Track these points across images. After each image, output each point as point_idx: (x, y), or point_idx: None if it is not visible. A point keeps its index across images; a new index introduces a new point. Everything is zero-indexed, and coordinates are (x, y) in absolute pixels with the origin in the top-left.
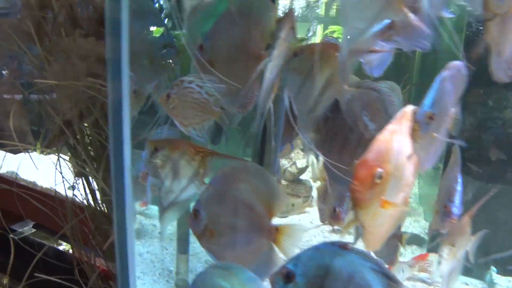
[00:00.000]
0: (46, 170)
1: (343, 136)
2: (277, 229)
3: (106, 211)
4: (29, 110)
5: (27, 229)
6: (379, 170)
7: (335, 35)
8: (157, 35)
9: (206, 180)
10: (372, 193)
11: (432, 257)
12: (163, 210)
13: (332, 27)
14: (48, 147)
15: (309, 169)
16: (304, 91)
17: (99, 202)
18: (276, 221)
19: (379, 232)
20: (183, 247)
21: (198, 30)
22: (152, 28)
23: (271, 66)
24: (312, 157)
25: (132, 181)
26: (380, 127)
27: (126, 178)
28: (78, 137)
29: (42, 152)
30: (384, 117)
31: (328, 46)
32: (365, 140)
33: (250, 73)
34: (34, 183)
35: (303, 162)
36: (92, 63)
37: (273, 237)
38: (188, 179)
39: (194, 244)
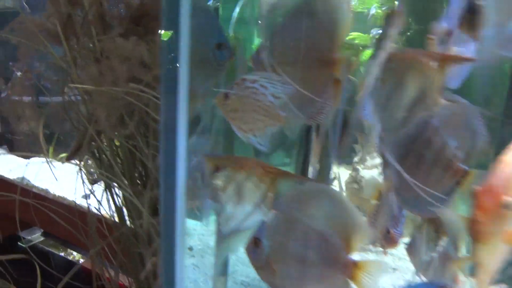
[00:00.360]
0: (59, 177)
1: (417, 154)
2: (355, 264)
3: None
4: (41, 113)
5: (35, 236)
6: (508, 198)
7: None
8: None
9: None
10: (496, 225)
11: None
12: (221, 239)
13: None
14: (70, 158)
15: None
16: (390, 105)
17: (127, 220)
18: None
19: (493, 270)
20: (222, 269)
21: (271, 29)
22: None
23: (375, 70)
24: (338, 169)
25: None
26: (462, 145)
27: (179, 198)
28: (107, 148)
29: (63, 162)
30: (467, 134)
31: (421, 54)
32: (443, 159)
33: (319, 79)
34: (46, 191)
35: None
36: (133, 66)
37: (350, 273)
38: (254, 204)
39: None
